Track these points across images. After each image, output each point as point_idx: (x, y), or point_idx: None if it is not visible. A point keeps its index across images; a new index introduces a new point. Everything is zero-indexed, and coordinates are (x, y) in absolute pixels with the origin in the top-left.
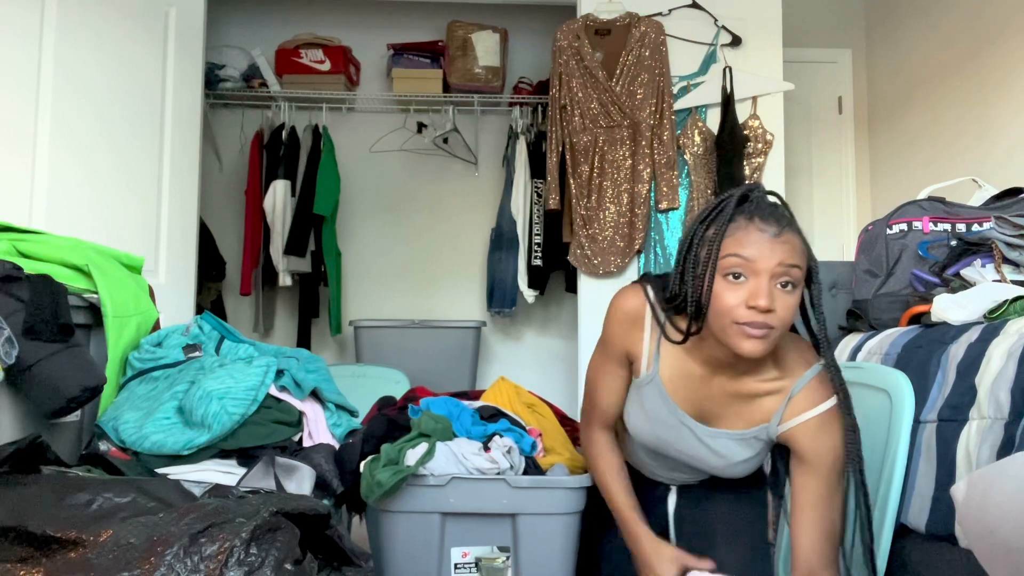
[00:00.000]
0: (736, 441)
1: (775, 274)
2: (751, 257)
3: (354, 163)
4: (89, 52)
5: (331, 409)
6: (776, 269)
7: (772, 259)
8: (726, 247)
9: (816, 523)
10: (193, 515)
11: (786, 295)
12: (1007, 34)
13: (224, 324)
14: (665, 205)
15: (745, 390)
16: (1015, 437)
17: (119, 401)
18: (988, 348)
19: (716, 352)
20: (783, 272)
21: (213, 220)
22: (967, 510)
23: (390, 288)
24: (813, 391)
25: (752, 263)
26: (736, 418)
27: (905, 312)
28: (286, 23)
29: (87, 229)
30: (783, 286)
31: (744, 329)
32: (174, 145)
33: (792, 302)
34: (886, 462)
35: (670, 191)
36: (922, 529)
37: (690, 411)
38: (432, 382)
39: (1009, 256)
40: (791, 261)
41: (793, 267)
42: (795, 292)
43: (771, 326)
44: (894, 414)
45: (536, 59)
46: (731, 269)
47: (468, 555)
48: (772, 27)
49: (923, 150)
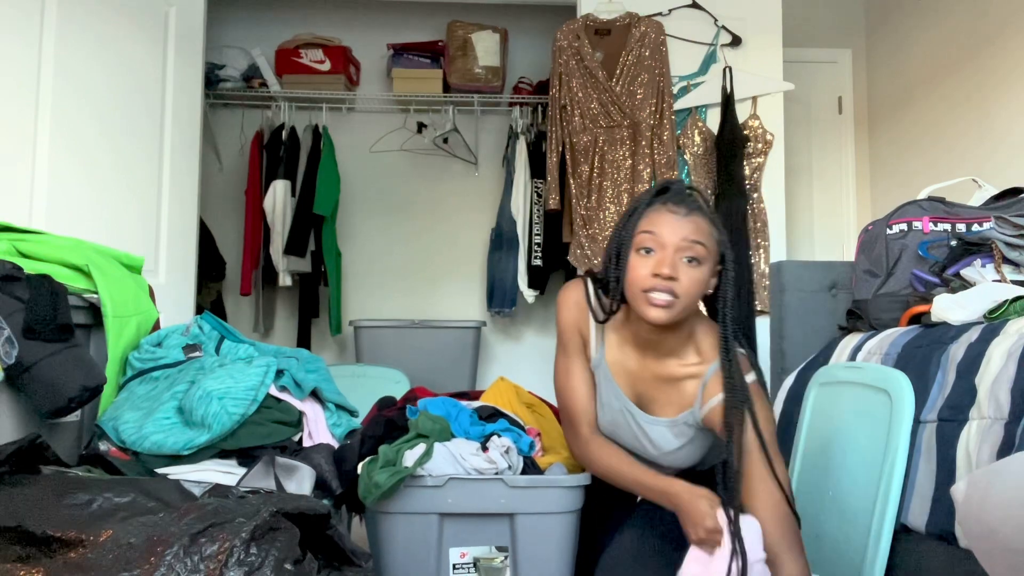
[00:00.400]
0: (667, 428)
1: (680, 248)
2: (658, 232)
3: (354, 163)
4: (89, 52)
5: (331, 409)
6: (681, 243)
7: (677, 234)
8: (640, 227)
9: (763, 506)
10: (193, 515)
11: (690, 269)
12: (1007, 34)
13: (224, 324)
14: None
15: (668, 373)
16: (1015, 437)
17: (119, 401)
18: (988, 348)
19: (640, 331)
20: (687, 247)
21: (213, 220)
22: (967, 510)
23: (390, 288)
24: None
25: (659, 238)
26: (667, 404)
27: (905, 312)
28: (286, 23)
29: (87, 229)
30: (688, 261)
31: (650, 296)
32: (174, 145)
33: (696, 276)
34: (886, 462)
35: None
36: (922, 529)
37: (631, 396)
38: (432, 382)
39: (1009, 256)
40: (694, 237)
41: (697, 243)
42: (700, 268)
43: (675, 294)
44: (894, 414)
45: (536, 59)
46: (642, 244)
47: (466, 555)
48: (772, 27)
49: (923, 150)
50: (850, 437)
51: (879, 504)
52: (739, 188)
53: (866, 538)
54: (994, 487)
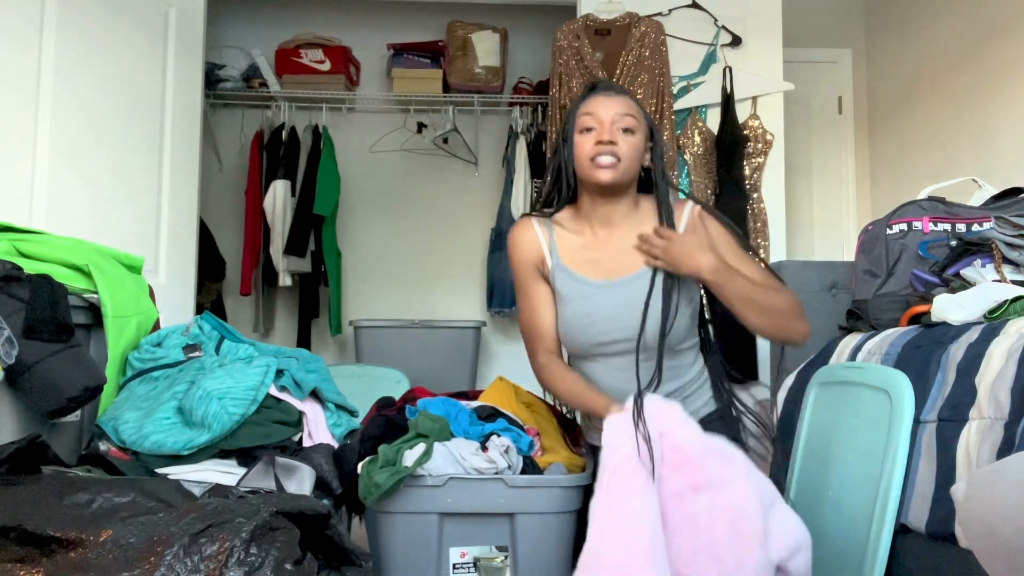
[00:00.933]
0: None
1: (614, 120)
2: (595, 112)
3: (354, 163)
4: (89, 52)
5: (331, 409)
6: (614, 117)
7: (611, 111)
8: (579, 112)
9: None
10: (193, 515)
11: (627, 136)
12: (1007, 34)
13: (224, 324)
14: None
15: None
16: (1015, 437)
17: (119, 401)
18: (988, 348)
19: (594, 207)
20: (620, 119)
21: (213, 220)
22: (967, 510)
23: (390, 288)
24: (679, 210)
25: (596, 115)
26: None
27: (905, 312)
28: (286, 23)
29: (87, 229)
30: (624, 131)
31: (597, 161)
32: (174, 145)
33: (633, 142)
34: (886, 462)
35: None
36: (922, 529)
37: (600, 275)
38: (432, 382)
39: (1009, 256)
40: (625, 111)
41: (628, 115)
42: (634, 136)
43: (617, 156)
44: (894, 414)
45: (536, 59)
46: (584, 126)
47: (466, 555)
48: (772, 27)
49: (923, 150)
50: (850, 437)
51: (879, 504)
52: (739, 188)
53: (866, 538)
54: (994, 487)
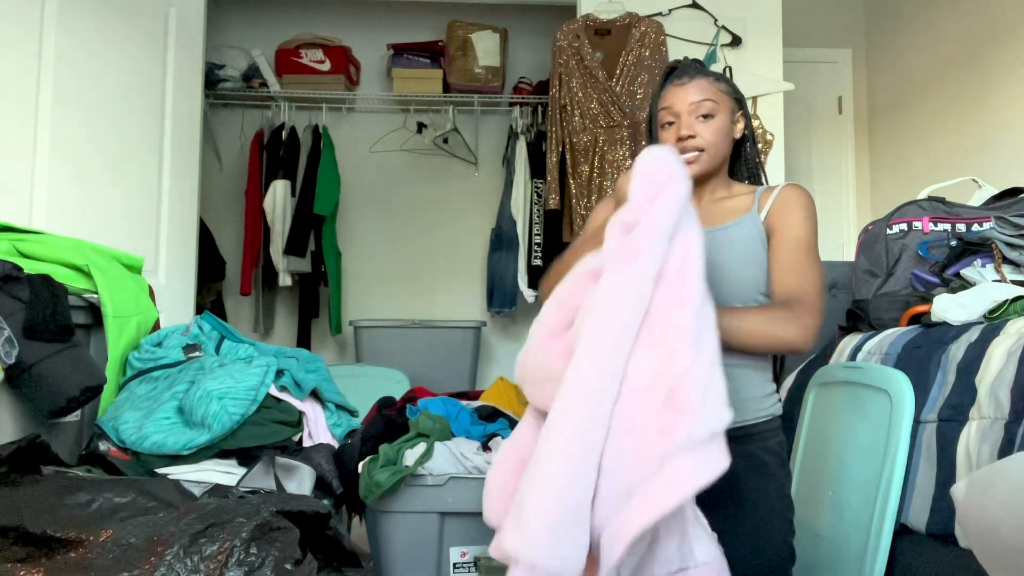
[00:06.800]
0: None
1: (690, 111)
2: (671, 105)
3: (354, 163)
4: (89, 52)
5: (331, 409)
6: (689, 107)
7: (684, 101)
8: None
9: (790, 267)
10: (193, 515)
11: (707, 123)
12: (1007, 34)
13: (224, 324)
14: None
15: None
16: (1015, 437)
17: (119, 401)
18: (988, 348)
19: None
20: (697, 106)
21: (213, 220)
22: (967, 510)
23: (390, 288)
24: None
25: (673, 109)
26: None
27: (905, 312)
28: (286, 23)
29: (87, 229)
30: (703, 118)
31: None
32: (174, 145)
33: (714, 126)
34: (886, 462)
35: None
36: (922, 529)
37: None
38: (432, 382)
39: (1009, 256)
40: (700, 97)
41: (704, 101)
42: (716, 119)
43: (699, 148)
44: (894, 414)
45: (536, 59)
46: (664, 120)
47: (467, 554)
48: (772, 27)
49: (923, 150)
50: (850, 437)
51: (879, 504)
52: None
53: (866, 538)
54: (994, 487)
